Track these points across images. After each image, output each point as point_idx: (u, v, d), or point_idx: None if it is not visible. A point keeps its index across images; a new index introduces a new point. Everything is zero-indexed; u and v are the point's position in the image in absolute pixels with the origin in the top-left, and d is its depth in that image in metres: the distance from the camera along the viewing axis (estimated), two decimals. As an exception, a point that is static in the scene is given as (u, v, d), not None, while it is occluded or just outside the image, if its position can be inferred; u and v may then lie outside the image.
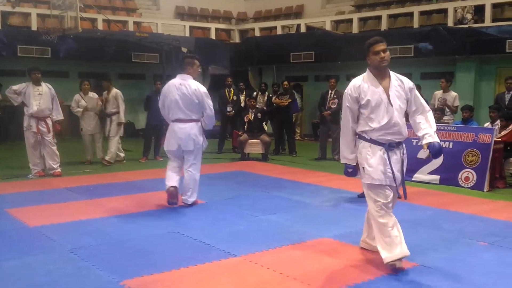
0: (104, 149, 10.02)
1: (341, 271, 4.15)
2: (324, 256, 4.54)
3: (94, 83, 10.54)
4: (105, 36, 14.33)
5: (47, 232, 5.15)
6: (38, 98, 8.44)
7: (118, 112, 9.93)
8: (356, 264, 4.33)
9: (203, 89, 6.36)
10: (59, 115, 8.77)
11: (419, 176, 8.22)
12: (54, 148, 8.62)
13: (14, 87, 8.48)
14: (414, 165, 8.24)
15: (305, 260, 4.38)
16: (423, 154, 8.22)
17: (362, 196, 6.76)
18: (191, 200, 6.43)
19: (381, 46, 4.16)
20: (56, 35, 12.75)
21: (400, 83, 4.18)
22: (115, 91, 9.99)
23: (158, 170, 9.08)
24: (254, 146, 10.75)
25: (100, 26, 15.61)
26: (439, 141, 4.12)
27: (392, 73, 4.23)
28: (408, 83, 4.21)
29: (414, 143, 8.34)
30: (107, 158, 9.83)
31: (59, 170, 8.64)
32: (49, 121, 8.55)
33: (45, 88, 8.54)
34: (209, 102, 6.36)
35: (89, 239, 4.95)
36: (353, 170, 4.30)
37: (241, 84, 12.71)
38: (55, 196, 6.94)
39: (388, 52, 4.17)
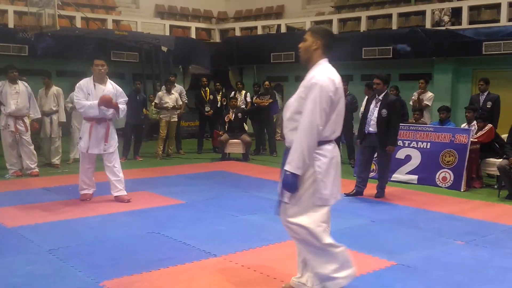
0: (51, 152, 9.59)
1: (321, 271, 4.18)
2: (304, 256, 4.56)
3: (72, 82, 10.39)
4: (83, 34, 14.16)
5: (25, 233, 5.08)
6: (16, 96, 8.32)
7: (58, 111, 9.47)
8: (335, 263, 4.36)
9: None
10: (36, 113, 8.65)
11: (397, 176, 8.32)
12: (32, 147, 8.51)
13: (-10, 86, 8.34)
14: (392, 165, 8.33)
15: (285, 260, 4.39)
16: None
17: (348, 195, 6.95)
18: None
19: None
20: (33, 32, 12.56)
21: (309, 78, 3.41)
22: (55, 88, 9.51)
23: (137, 170, 9.05)
24: (235, 146, 10.76)
25: (78, 24, 15.42)
26: (292, 172, 3.22)
27: (321, 68, 3.51)
28: (311, 79, 3.36)
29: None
30: (57, 161, 9.46)
31: (36, 170, 8.53)
32: (26, 120, 8.44)
33: (22, 86, 8.42)
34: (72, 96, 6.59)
35: (67, 239, 4.90)
36: None
37: (218, 84, 12.69)
38: (33, 196, 6.85)
39: (303, 44, 3.62)
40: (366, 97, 8.53)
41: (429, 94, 10.22)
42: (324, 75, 3.38)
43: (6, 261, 4.28)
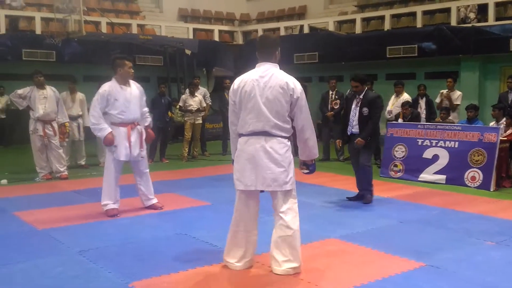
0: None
1: (348, 272, 4.17)
2: (331, 257, 4.55)
3: (98, 86, 10.54)
4: (109, 39, 14.37)
5: (56, 235, 5.18)
6: (44, 101, 8.47)
7: (82, 116, 9.78)
8: (363, 265, 4.34)
9: None
10: (64, 118, 8.81)
11: (425, 176, 8.21)
12: (61, 151, 8.68)
13: (19, 91, 8.52)
14: (420, 165, 8.26)
15: (311, 261, 4.39)
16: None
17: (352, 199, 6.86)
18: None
19: None
20: (60, 38, 12.83)
21: None
22: (81, 94, 9.88)
23: (163, 172, 9.13)
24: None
25: (104, 29, 15.66)
26: None
27: None
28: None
29: (420, 143, 8.37)
30: (83, 162, 9.88)
31: (66, 173, 8.68)
32: (55, 124, 8.60)
33: (50, 91, 8.58)
34: None
35: (97, 241, 4.98)
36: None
37: None
38: (62, 199, 6.98)
39: None
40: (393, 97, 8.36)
41: (458, 93, 10.06)
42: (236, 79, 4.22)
43: (38, 262, 4.37)
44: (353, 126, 6.76)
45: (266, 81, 4.02)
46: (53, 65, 13.74)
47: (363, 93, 6.72)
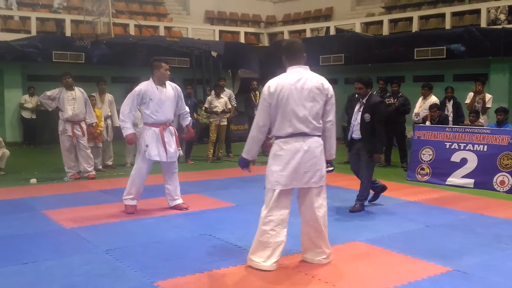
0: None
1: (373, 275, 4.12)
2: (356, 260, 4.51)
3: (129, 87, 10.69)
4: (137, 42, 14.56)
5: (83, 234, 5.27)
6: (72, 102, 8.62)
7: (110, 116, 9.97)
8: (388, 269, 4.30)
9: None
10: (92, 118, 8.96)
11: (452, 180, 8.08)
12: (89, 151, 8.82)
13: (48, 93, 8.69)
14: (447, 168, 8.13)
15: (336, 264, 4.37)
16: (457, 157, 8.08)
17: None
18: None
19: None
20: (89, 40, 13.05)
21: None
22: (110, 95, 10.05)
23: (188, 173, 9.19)
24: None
25: (132, 31, 15.89)
26: (241, 155, 4.55)
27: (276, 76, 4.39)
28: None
29: (448, 146, 8.24)
30: (110, 162, 10.05)
31: (93, 173, 8.83)
32: (83, 125, 8.75)
33: (78, 92, 8.73)
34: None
35: (123, 240, 5.04)
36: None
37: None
38: (90, 199, 7.09)
39: None
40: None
41: (489, 96, 9.88)
42: (268, 82, 4.25)
43: (65, 260, 4.45)
44: (353, 131, 6.46)
45: (303, 83, 4.16)
46: (82, 67, 14.00)
47: (367, 97, 6.42)
